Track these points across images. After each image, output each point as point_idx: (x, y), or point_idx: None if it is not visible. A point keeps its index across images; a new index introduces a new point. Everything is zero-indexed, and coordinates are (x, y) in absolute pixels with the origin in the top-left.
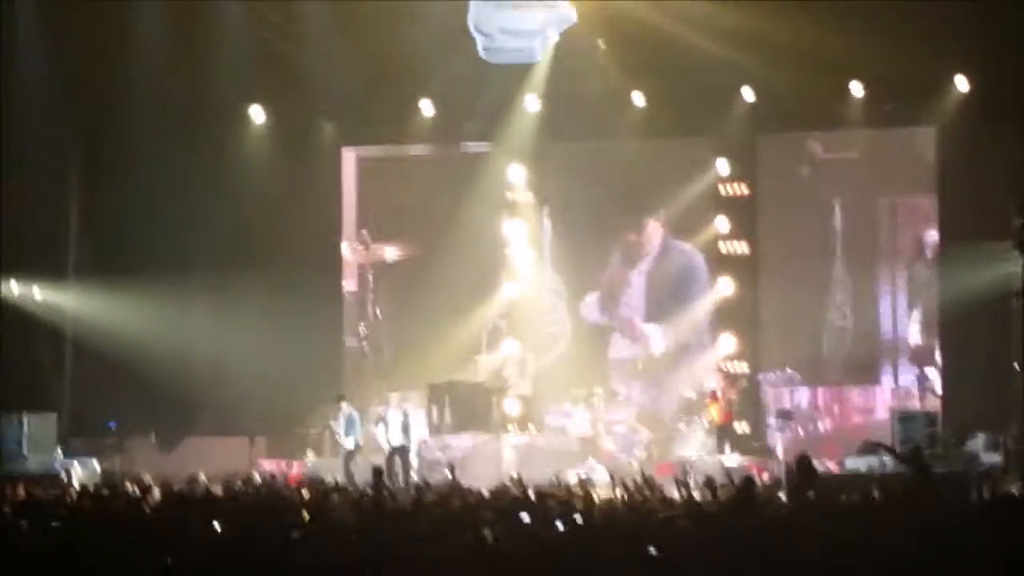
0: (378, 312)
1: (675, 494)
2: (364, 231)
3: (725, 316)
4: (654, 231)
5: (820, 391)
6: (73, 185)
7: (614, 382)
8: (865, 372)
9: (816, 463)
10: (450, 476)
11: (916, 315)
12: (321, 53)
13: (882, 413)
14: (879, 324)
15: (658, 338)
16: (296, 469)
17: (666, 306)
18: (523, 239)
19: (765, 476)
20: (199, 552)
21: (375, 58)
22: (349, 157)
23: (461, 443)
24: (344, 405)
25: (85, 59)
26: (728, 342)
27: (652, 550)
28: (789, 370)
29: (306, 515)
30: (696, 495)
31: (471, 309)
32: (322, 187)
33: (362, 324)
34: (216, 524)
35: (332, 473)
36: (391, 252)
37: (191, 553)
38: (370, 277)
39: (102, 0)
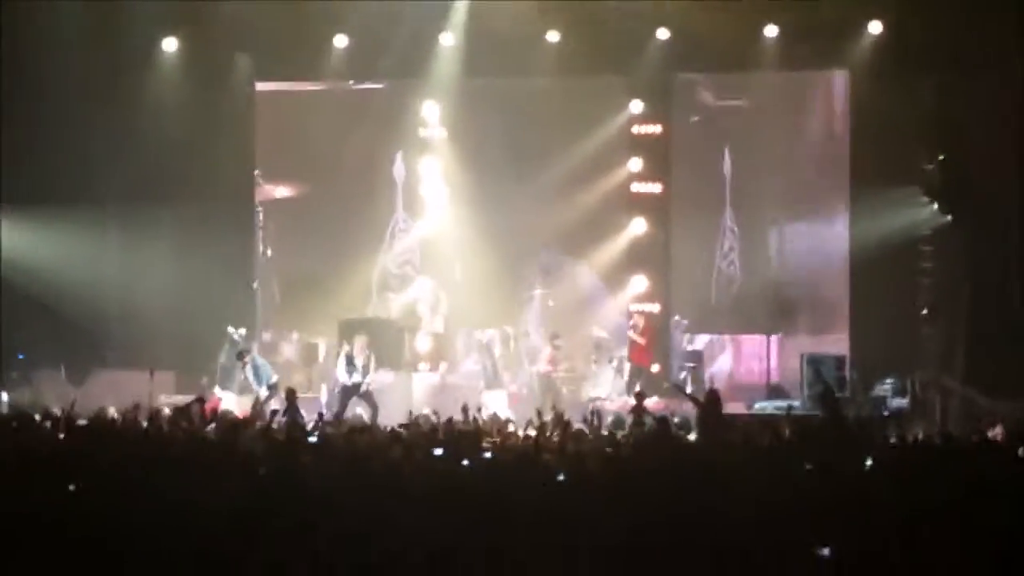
0: (268, 252)
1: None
2: (257, 171)
3: (637, 257)
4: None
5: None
6: None
7: (526, 322)
8: (751, 321)
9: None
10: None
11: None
12: None
13: (789, 357)
14: (780, 271)
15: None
16: (212, 401)
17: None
18: (435, 176)
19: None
20: (104, 482)
21: None
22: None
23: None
24: (247, 358)
25: None
26: (640, 283)
27: (561, 477)
28: (677, 316)
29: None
30: (605, 433)
31: (373, 247)
32: (235, 122)
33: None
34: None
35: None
36: (282, 190)
37: (97, 482)
38: (260, 215)
39: None
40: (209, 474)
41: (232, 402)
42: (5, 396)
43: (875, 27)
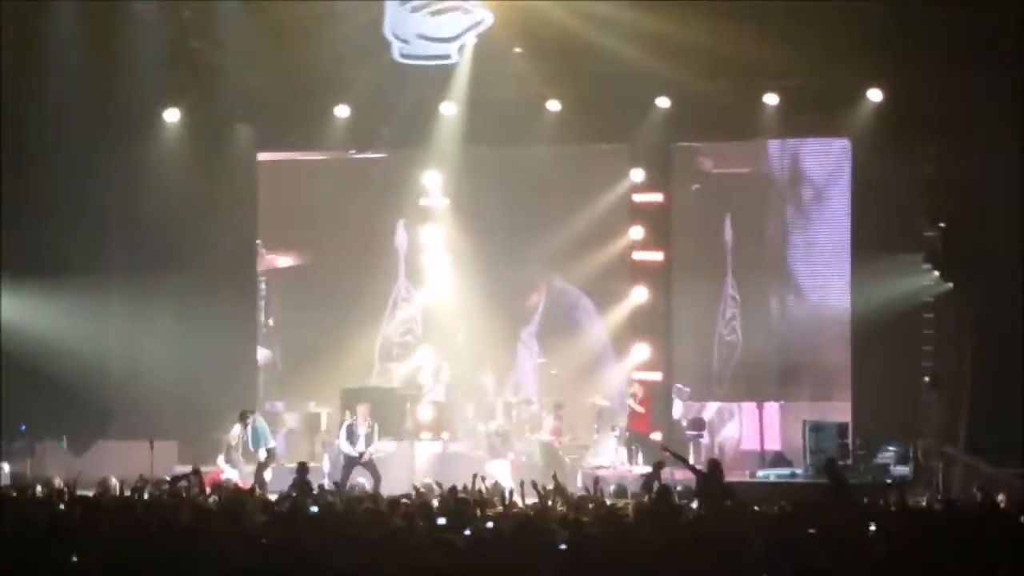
0: (269, 321)
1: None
2: (259, 241)
3: (639, 325)
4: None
5: (731, 405)
6: None
7: (527, 390)
8: (753, 389)
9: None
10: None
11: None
12: (237, 56)
13: (790, 425)
14: (782, 339)
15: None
16: (214, 472)
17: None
18: (437, 245)
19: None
20: (107, 553)
21: (291, 62)
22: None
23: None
24: (251, 418)
25: None
26: (641, 351)
27: (563, 547)
28: (680, 384)
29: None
30: (608, 503)
31: (376, 316)
32: (237, 192)
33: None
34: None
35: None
36: (285, 259)
37: (99, 554)
38: (262, 284)
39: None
40: (211, 545)
41: (235, 475)
42: (7, 467)
43: (875, 95)
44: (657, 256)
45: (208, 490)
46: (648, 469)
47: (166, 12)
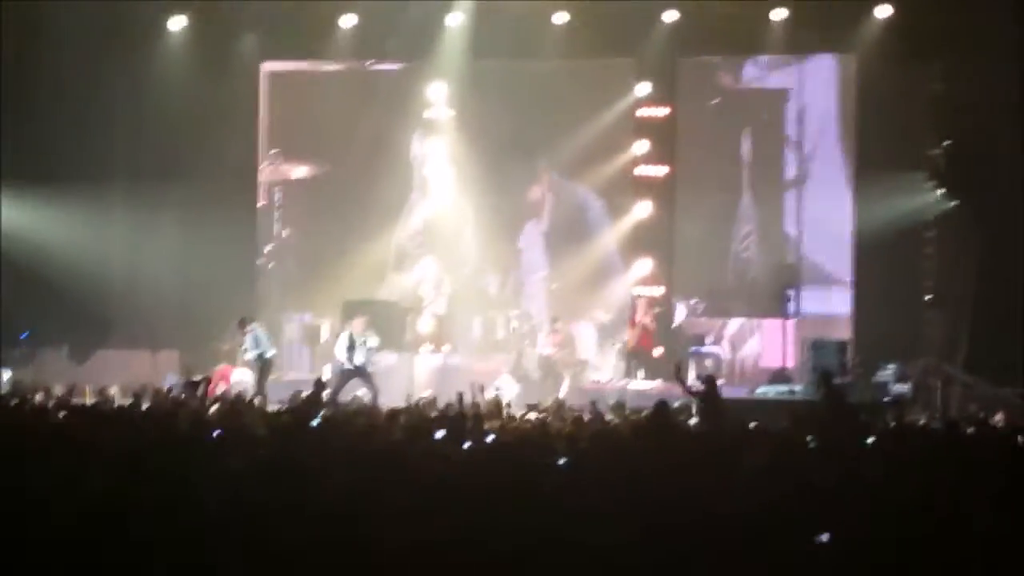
0: (283, 232)
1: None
2: (275, 151)
3: (642, 240)
4: (542, 185)
5: (731, 320)
6: None
7: (528, 303)
8: (769, 304)
9: (728, 390)
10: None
11: (825, 243)
12: None
13: (792, 341)
14: (784, 256)
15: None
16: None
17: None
18: (441, 157)
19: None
20: (104, 463)
21: None
22: (264, 72)
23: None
24: (251, 326)
25: None
26: (644, 266)
27: (561, 462)
28: (694, 300)
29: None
30: (608, 418)
31: (385, 227)
32: (241, 102)
33: (270, 244)
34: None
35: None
36: (300, 170)
37: (96, 464)
38: (277, 194)
39: None
40: (209, 456)
41: (248, 377)
42: (7, 374)
43: (882, 11)
44: (662, 170)
45: (213, 390)
46: (650, 383)
47: None
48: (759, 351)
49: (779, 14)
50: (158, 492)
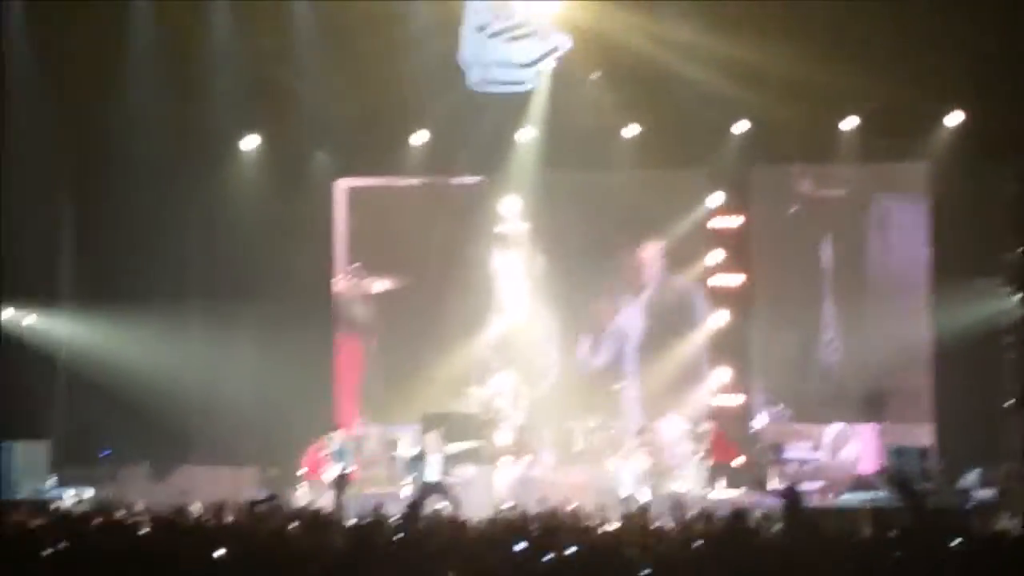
0: (373, 344)
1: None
2: (357, 264)
3: (720, 349)
4: (653, 259)
5: (815, 427)
6: (66, 210)
7: (608, 414)
8: (854, 409)
9: (811, 498)
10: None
11: (907, 352)
12: (316, 83)
13: (874, 448)
14: (868, 361)
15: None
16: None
17: (664, 340)
18: (515, 271)
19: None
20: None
21: (369, 89)
22: (341, 188)
23: (453, 474)
24: (335, 435)
25: (78, 82)
26: (723, 374)
27: (646, 572)
28: (781, 406)
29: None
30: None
31: (462, 342)
32: (315, 218)
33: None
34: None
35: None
36: (380, 284)
37: None
38: (360, 310)
39: (97, 24)
40: (290, 570)
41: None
42: (90, 492)
43: (954, 117)
44: (738, 279)
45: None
46: (731, 493)
47: (246, 41)
48: (855, 457)
49: (849, 122)
50: None
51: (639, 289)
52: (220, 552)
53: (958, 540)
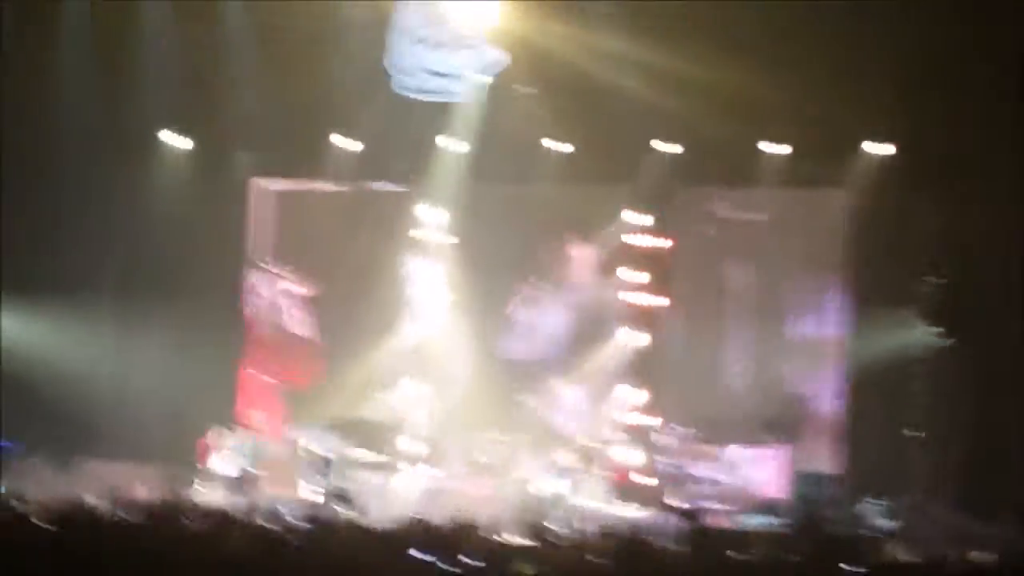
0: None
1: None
2: (267, 259)
3: (635, 368)
4: (584, 259)
5: (720, 448)
6: None
7: (517, 425)
8: (761, 434)
9: (711, 519)
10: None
11: (818, 378)
12: (241, 81)
13: (780, 472)
14: (778, 387)
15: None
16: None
17: (582, 349)
18: (432, 279)
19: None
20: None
21: (295, 89)
22: (259, 188)
23: (356, 480)
24: (237, 434)
25: (3, 66)
26: (635, 395)
27: None
28: (686, 428)
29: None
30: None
31: (372, 348)
32: (231, 216)
33: None
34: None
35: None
36: (296, 288)
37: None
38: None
39: (25, 11)
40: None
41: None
42: None
43: (877, 147)
44: (660, 300)
45: None
46: (631, 509)
47: (174, 34)
48: (756, 479)
49: (776, 147)
50: None
51: (565, 288)
52: (117, 550)
53: (856, 569)
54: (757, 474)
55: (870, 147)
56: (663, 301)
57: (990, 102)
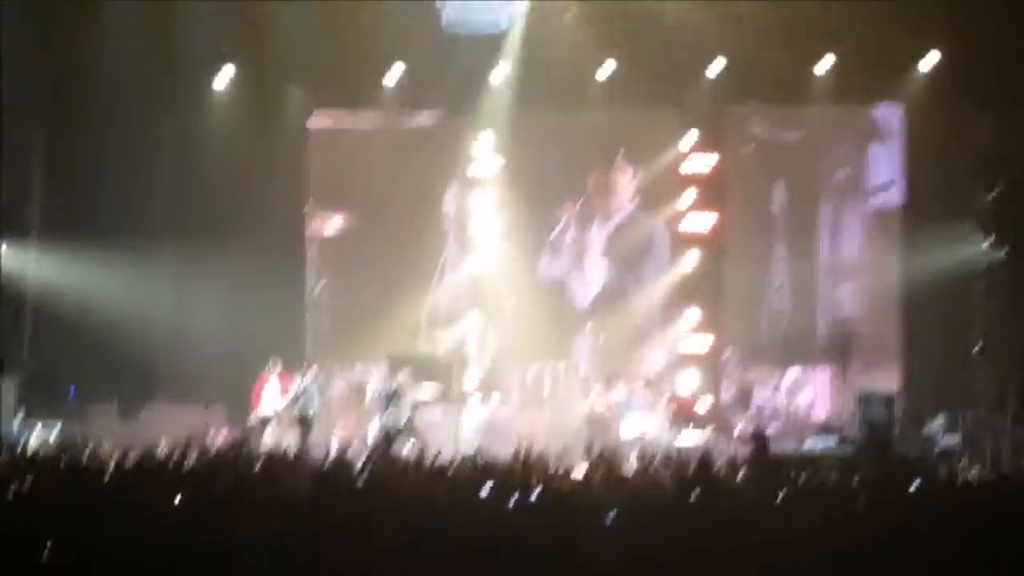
0: (320, 285)
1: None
2: (313, 203)
3: (689, 290)
4: (624, 185)
5: (780, 372)
6: (38, 144)
7: (576, 356)
8: (799, 355)
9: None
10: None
11: (872, 297)
12: (292, 17)
13: (841, 394)
14: (835, 308)
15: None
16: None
17: (625, 280)
18: (487, 210)
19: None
20: (153, 523)
21: (345, 25)
22: (311, 126)
23: (421, 415)
24: (302, 379)
25: (54, 8)
26: (692, 316)
27: (609, 518)
28: (745, 353)
29: None
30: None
31: (427, 282)
32: (288, 156)
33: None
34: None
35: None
36: (337, 225)
37: (146, 524)
38: (317, 249)
39: None
40: (253, 515)
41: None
42: (57, 429)
43: (930, 60)
44: (711, 219)
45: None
46: (696, 436)
47: None
48: (811, 402)
49: (826, 64)
50: (198, 555)
51: (608, 215)
52: (181, 497)
53: (919, 484)
54: (818, 396)
55: (921, 60)
56: (713, 221)
57: None
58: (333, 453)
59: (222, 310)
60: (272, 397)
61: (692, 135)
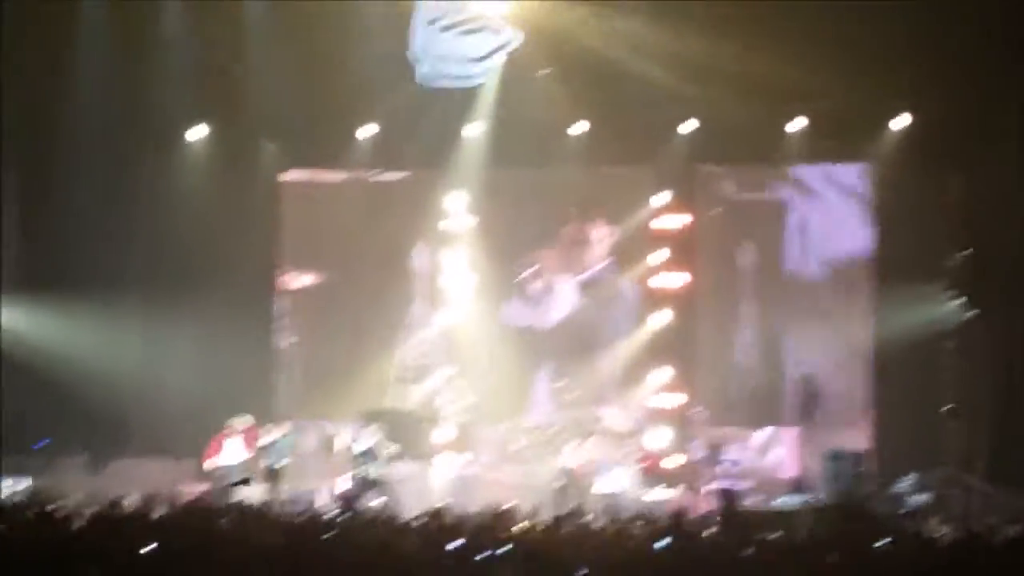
0: (290, 340)
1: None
2: (285, 260)
3: (662, 347)
4: (600, 240)
5: (750, 430)
6: (8, 196)
7: (545, 412)
8: (768, 414)
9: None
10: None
11: (842, 355)
12: (266, 74)
13: (809, 452)
14: (805, 366)
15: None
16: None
17: (595, 334)
18: (458, 265)
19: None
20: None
21: (319, 81)
22: (283, 181)
23: (392, 471)
24: (271, 428)
25: (28, 63)
26: (663, 374)
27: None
28: (714, 411)
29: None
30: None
31: (397, 336)
32: (260, 211)
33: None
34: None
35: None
36: (306, 279)
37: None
38: (284, 305)
39: (49, 7)
40: (224, 567)
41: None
42: (25, 483)
43: (901, 120)
44: (684, 278)
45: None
46: (666, 494)
47: (197, 29)
48: (780, 460)
49: (798, 123)
50: None
51: (580, 267)
52: (151, 547)
53: (888, 542)
54: (787, 454)
55: (892, 120)
56: (685, 280)
57: (1009, 74)
58: (302, 506)
59: (192, 364)
60: (234, 451)
61: (664, 195)
